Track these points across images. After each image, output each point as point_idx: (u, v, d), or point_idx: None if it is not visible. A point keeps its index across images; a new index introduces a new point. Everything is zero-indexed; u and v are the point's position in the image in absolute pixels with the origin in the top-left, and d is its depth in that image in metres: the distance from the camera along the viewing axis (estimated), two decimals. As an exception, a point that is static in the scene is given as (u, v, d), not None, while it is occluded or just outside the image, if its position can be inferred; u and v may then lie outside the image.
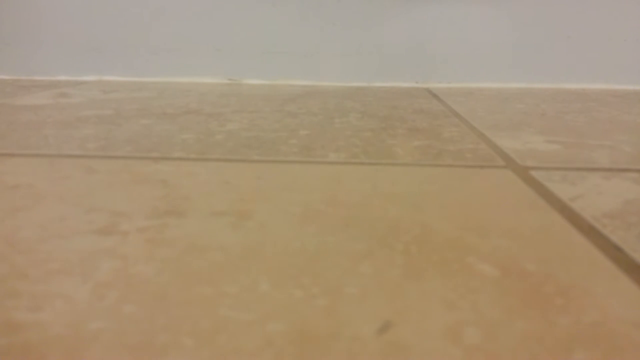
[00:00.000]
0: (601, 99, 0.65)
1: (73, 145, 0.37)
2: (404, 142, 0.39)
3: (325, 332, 0.15)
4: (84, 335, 0.15)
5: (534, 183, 0.29)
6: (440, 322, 0.15)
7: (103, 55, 0.82)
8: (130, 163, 0.32)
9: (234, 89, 0.73)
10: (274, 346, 0.14)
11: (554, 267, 0.19)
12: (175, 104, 0.57)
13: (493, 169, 0.32)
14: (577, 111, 0.55)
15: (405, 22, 0.79)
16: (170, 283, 0.17)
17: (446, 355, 0.14)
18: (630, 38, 0.77)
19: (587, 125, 0.47)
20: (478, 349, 0.14)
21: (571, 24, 0.77)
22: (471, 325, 0.15)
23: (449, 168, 0.32)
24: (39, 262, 0.19)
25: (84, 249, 0.20)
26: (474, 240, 0.21)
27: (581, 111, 0.55)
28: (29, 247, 0.20)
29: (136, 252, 0.20)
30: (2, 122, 0.45)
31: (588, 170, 0.32)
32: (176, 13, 0.80)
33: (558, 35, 0.77)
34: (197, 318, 0.15)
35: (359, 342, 0.14)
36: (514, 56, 0.78)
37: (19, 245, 0.20)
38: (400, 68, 0.80)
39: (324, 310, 0.16)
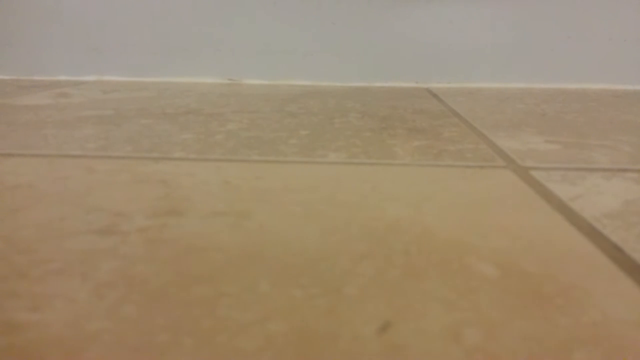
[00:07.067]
0: (601, 99, 0.65)
1: (73, 145, 0.37)
2: (404, 142, 0.39)
3: (325, 332, 0.15)
4: (84, 335, 0.15)
5: (534, 183, 0.29)
6: (440, 322, 0.15)
7: (103, 55, 0.82)
8: (130, 163, 0.32)
9: (234, 89, 0.73)
10: (274, 346, 0.14)
11: (554, 267, 0.19)
12: (175, 104, 0.57)
13: (493, 169, 0.32)
14: (577, 111, 0.55)
15: (405, 22, 0.79)
16: (170, 283, 0.17)
17: (446, 355, 0.14)
18: (630, 38, 0.77)
19: (587, 125, 0.47)
20: (478, 349, 0.14)
21: (571, 24, 0.77)
22: (471, 325, 0.15)
23: (449, 168, 0.32)
24: (39, 262, 0.19)
25: (84, 249, 0.20)
26: (474, 240, 0.21)
27: (581, 111, 0.55)
28: (29, 247, 0.20)
29: (136, 252, 0.20)
30: (2, 122, 0.45)
31: (588, 170, 0.32)
32: (176, 13, 0.80)
33: (558, 35, 0.77)
34: (197, 318, 0.15)
35: (359, 342, 0.14)
36: (514, 56, 0.78)
37: (19, 245, 0.20)
38: (400, 68, 0.80)
39: (324, 310, 0.16)
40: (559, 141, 0.40)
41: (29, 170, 0.30)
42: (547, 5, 0.77)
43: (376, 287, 0.17)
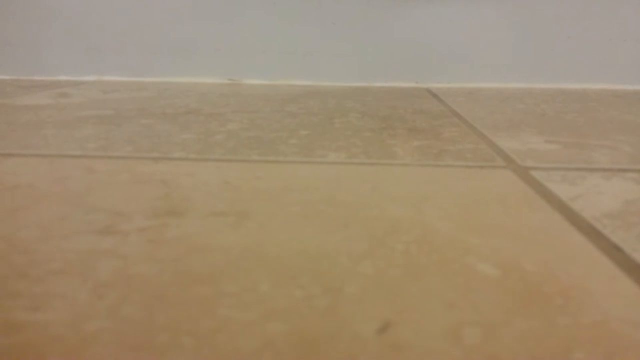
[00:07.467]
0: (601, 99, 0.65)
1: (73, 145, 0.37)
2: (404, 142, 0.39)
3: (325, 332, 0.15)
4: (84, 335, 0.15)
5: (534, 183, 0.29)
6: (440, 322, 0.15)
7: (103, 55, 0.82)
8: (130, 163, 0.32)
9: (234, 89, 0.73)
10: (274, 346, 0.14)
11: (554, 267, 0.19)
12: (175, 104, 0.57)
13: (493, 169, 0.32)
14: (577, 111, 0.55)
15: (405, 22, 0.79)
16: (170, 283, 0.17)
17: (446, 355, 0.14)
18: (630, 38, 0.77)
19: (587, 125, 0.47)
20: (478, 349, 0.14)
21: (571, 24, 0.77)
22: (471, 325, 0.15)
23: (449, 168, 0.32)
24: (39, 262, 0.19)
25: (84, 249, 0.20)
26: (474, 240, 0.21)
27: (581, 111, 0.55)
28: (29, 247, 0.20)
29: (136, 252, 0.20)
30: (2, 122, 0.45)
31: (588, 170, 0.32)
32: (176, 13, 0.80)
33: (558, 35, 0.77)
34: (197, 318, 0.15)
35: (359, 342, 0.14)
36: (514, 56, 0.78)
37: (19, 245, 0.20)
38: (400, 68, 0.80)
39: (324, 310, 0.16)
40: (559, 141, 0.40)
41: (29, 170, 0.30)
42: (547, 5, 0.77)
43: (376, 287, 0.17)
